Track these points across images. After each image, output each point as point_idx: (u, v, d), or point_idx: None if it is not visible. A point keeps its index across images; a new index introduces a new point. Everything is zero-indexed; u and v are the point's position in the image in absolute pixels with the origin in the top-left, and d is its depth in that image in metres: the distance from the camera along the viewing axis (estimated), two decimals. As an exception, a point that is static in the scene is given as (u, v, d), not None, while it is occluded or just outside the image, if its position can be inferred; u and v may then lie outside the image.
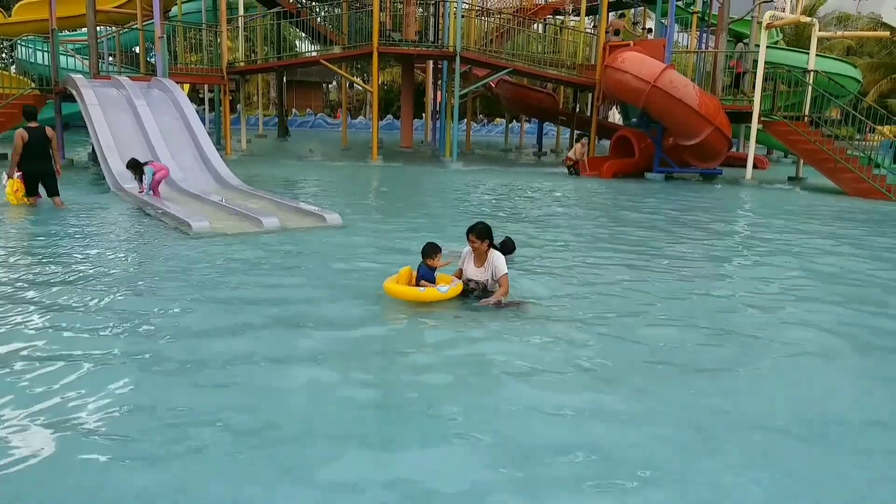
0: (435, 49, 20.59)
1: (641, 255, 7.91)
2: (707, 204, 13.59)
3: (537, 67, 21.00)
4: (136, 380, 3.95)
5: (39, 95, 16.94)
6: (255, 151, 22.43)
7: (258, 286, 6.01)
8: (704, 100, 17.04)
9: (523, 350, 4.64)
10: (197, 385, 3.94)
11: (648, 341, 4.91)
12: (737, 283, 6.84)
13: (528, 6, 26.32)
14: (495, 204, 12.34)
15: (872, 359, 4.85)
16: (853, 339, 5.16)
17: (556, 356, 4.55)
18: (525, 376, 4.20)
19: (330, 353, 4.49)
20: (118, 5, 24.20)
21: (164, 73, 16.74)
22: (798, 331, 5.29)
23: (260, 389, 3.86)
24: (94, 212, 10.02)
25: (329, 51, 21.37)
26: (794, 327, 5.38)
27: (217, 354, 4.38)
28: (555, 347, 4.72)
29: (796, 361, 4.66)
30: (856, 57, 38.20)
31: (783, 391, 4.13)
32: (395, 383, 4.03)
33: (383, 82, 46.35)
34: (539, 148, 28.33)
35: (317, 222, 9.31)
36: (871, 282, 7.12)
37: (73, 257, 6.95)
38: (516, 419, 3.57)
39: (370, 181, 15.99)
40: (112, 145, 12.79)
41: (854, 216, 12.34)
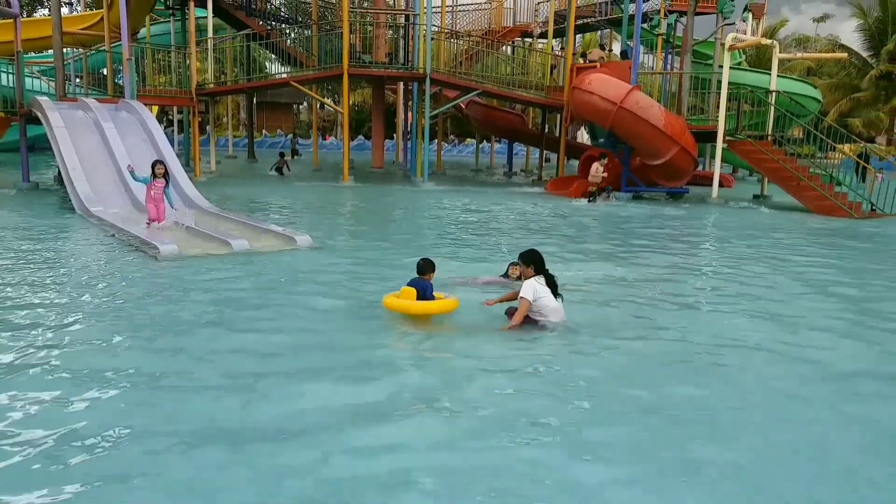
0: (405, 71, 20.71)
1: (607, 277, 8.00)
2: (675, 223, 13.79)
3: (506, 89, 21.24)
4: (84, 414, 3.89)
5: (4, 118, 16.69)
6: (224, 173, 22.31)
7: (225, 311, 5.95)
8: (670, 120, 17.35)
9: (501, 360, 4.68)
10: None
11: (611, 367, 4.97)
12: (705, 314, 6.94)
13: (497, 29, 26.64)
14: (467, 222, 12.40)
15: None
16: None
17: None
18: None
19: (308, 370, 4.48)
20: (85, 27, 24.00)
21: (133, 94, 16.61)
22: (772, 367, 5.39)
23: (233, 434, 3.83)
24: (59, 234, 9.87)
25: (299, 73, 21.39)
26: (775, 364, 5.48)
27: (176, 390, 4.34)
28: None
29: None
30: (816, 77, 39.25)
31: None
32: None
33: (354, 103, 46.46)
34: (509, 168, 28.57)
35: (287, 244, 9.28)
36: (845, 300, 7.29)
37: (35, 281, 6.83)
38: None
39: (341, 202, 15.97)
40: (78, 167, 12.63)
41: (819, 233, 12.62)
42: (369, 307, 6.13)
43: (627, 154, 18.44)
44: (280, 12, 26.26)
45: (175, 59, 20.62)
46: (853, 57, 38.93)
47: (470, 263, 8.40)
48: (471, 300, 6.22)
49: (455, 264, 8.29)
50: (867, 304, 7.07)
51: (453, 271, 7.65)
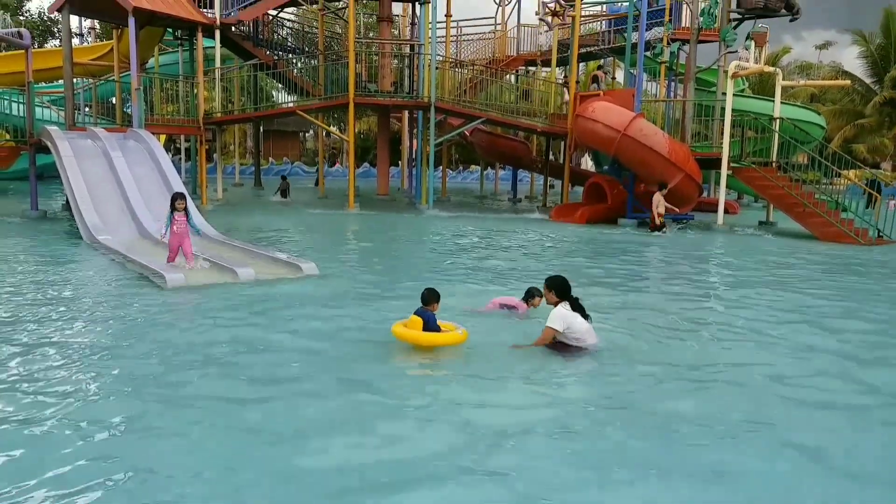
0: (410, 100, 20.92)
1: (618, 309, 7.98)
2: (680, 251, 13.78)
3: (510, 117, 21.39)
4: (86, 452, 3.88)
5: (14, 147, 16.87)
6: (231, 200, 22.43)
7: (229, 345, 5.91)
8: (674, 147, 17.42)
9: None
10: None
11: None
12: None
13: (501, 58, 26.89)
14: (472, 249, 12.42)
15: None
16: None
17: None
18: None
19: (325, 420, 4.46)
20: (95, 58, 24.36)
21: (140, 124, 16.80)
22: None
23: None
24: (65, 263, 9.93)
25: (306, 102, 21.61)
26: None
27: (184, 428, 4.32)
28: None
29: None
30: (819, 104, 39.44)
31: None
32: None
33: (360, 131, 46.82)
34: (514, 194, 28.65)
35: (293, 272, 9.30)
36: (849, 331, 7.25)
37: (38, 310, 6.85)
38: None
39: (347, 229, 16.03)
40: (86, 196, 12.73)
41: (825, 261, 12.59)
42: (376, 338, 6.09)
43: (632, 181, 18.49)
44: (287, 42, 26.57)
45: (183, 89, 20.87)
46: (856, 83, 39.10)
47: (475, 290, 8.39)
48: (484, 327, 6.21)
49: (461, 289, 8.30)
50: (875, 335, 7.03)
51: (457, 296, 7.64)
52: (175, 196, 9.66)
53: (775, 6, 18.90)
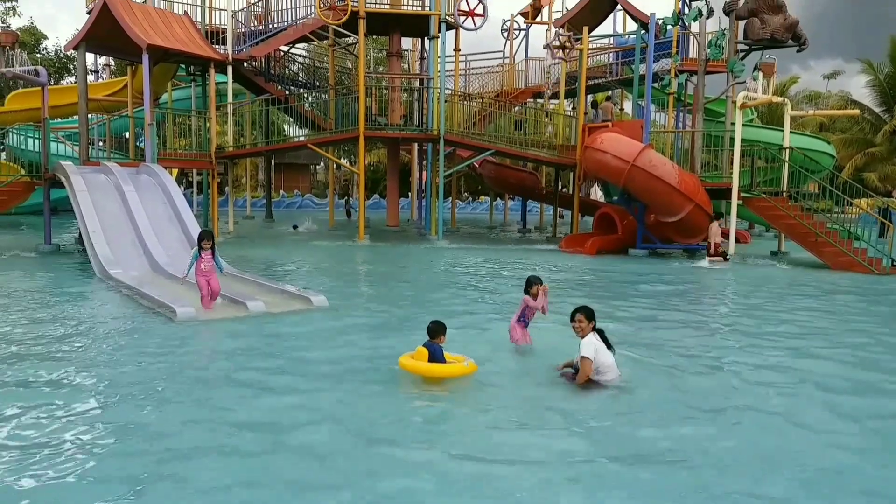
0: (419, 132, 21.10)
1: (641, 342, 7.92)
2: (693, 281, 13.71)
3: (519, 148, 21.51)
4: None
5: (29, 182, 17.09)
6: (242, 233, 22.57)
7: (238, 378, 5.88)
8: (684, 178, 17.43)
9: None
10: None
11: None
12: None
13: (510, 90, 27.12)
14: (482, 280, 12.39)
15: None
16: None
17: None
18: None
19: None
20: (110, 94, 24.75)
21: (153, 158, 17.00)
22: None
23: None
24: (77, 297, 9.98)
25: (317, 135, 21.83)
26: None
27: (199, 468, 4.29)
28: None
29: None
30: (829, 133, 39.46)
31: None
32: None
33: (370, 163, 47.16)
34: (523, 225, 28.68)
35: (303, 305, 9.30)
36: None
37: (49, 343, 6.87)
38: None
39: (357, 261, 16.06)
40: (99, 231, 12.84)
41: (840, 292, 12.47)
42: (384, 375, 6.03)
43: (642, 211, 18.47)
44: (298, 77, 26.95)
45: (195, 123, 21.15)
46: (865, 112, 39.13)
47: (487, 322, 8.36)
48: (494, 360, 6.17)
49: (470, 320, 8.26)
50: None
51: (466, 327, 7.61)
52: (202, 235, 9.28)
53: (782, 37, 18.96)
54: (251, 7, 23.48)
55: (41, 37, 41.30)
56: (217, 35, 21.94)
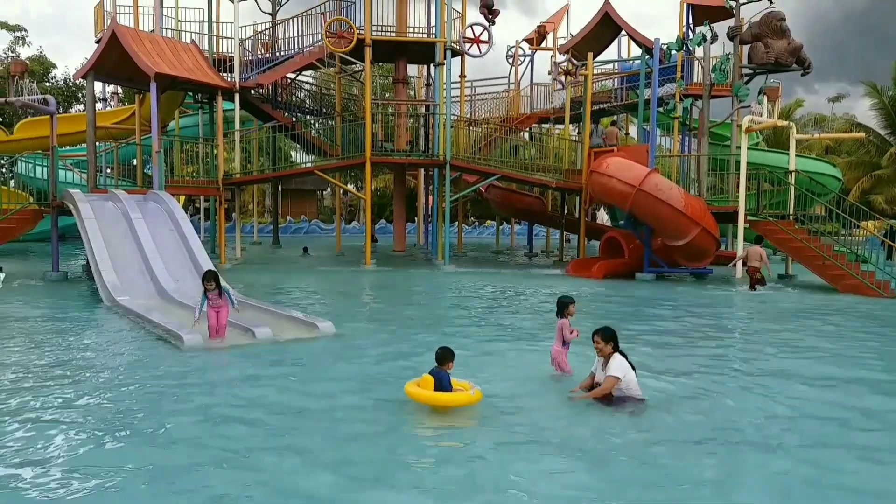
0: (426, 158, 21.19)
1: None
2: (703, 305, 13.63)
3: (525, 173, 21.56)
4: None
5: (37, 210, 17.19)
6: (249, 259, 22.59)
7: (245, 407, 5.83)
8: (690, 201, 17.41)
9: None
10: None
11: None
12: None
13: (515, 116, 27.27)
14: (490, 305, 12.33)
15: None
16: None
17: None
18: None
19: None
20: (117, 121, 24.98)
21: (161, 185, 17.08)
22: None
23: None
24: (84, 324, 9.98)
25: (323, 161, 21.95)
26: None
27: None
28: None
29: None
30: (834, 156, 39.49)
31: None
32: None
33: (376, 188, 47.35)
34: (530, 249, 28.65)
35: (310, 331, 9.28)
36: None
37: (54, 371, 6.85)
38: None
39: (363, 286, 16.04)
40: (106, 258, 12.86)
41: (851, 316, 12.38)
42: (392, 400, 5.99)
43: (648, 235, 18.45)
44: (305, 104, 27.17)
45: (203, 150, 21.30)
46: (871, 135, 39.17)
47: (495, 348, 8.30)
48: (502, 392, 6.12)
49: (478, 346, 8.21)
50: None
51: (473, 353, 7.56)
52: (205, 276, 8.86)
53: (786, 61, 19.07)
54: (258, 35, 23.76)
55: (50, 66, 41.82)
56: (224, 63, 22.17)
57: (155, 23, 21.63)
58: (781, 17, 18.86)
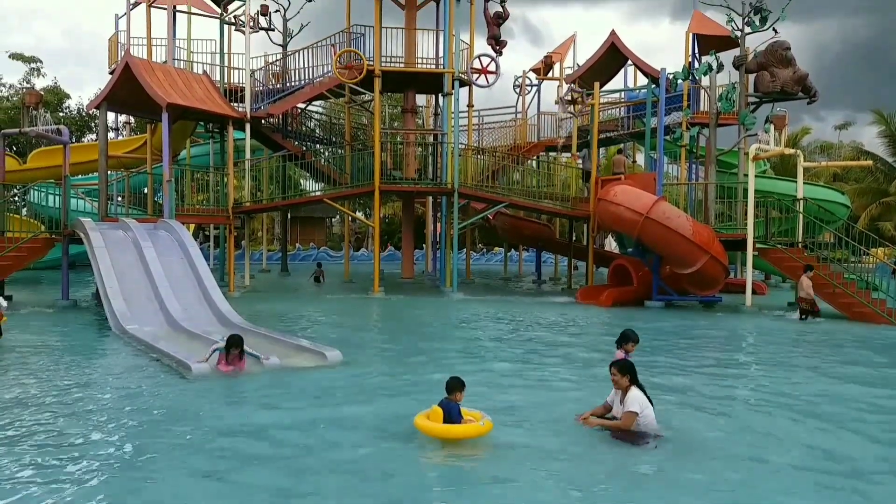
0: (434, 186, 21.31)
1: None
2: (713, 333, 13.56)
3: (532, 200, 21.64)
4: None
5: (48, 238, 17.34)
6: (258, 287, 22.66)
7: (250, 439, 5.80)
8: (698, 229, 17.41)
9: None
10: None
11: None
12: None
13: (522, 144, 27.44)
14: (499, 334, 12.30)
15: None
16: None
17: None
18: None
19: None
20: (129, 150, 25.23)
21: (171, 214, 17.22)
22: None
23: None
24: (92, 352, 10.03)
25: (333, 190, 22.11)
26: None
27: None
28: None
29: None
30: (842, 183, 39.40)
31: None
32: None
33: (385, 215, 47.51)
34: (538, 276, 28.62)
35: (318, 360, 9.27)
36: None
37: (61, 400, 6.86)
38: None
39: (371, 314, 16.04)
40: (115, 286, 12.94)
41: (865, 345, 12.29)
42: (401, 431, 5.96)
43: (657, 263, 18.43)
44: (314, 133, 27.43)
45: (213, 179, 21.49)
46: (878, 162, 39.13)
47: (503, 377, 8.27)
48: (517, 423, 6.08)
49: (487, 376, 8.18)
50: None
51: (483, 383, 7.52)
52: (230, 342, 8.47)
53: (792, 90, 19.15)
54: (269, 66, 24.09)
55: (64, 96, 42.37)
56: (236, 93, 22.46)
57: (167, 54, 21.99)
58: (786, 46, 18.99)
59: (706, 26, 25.17)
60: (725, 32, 20.83)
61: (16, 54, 42.01)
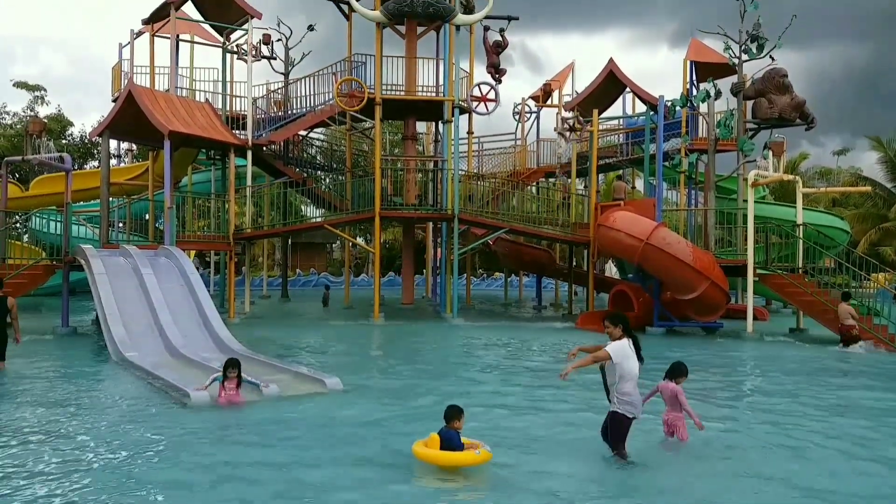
0: (434, 212, 21.37)
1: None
2: (718, 361, 13.51)
3: (532, 226, 21.69)
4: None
5: (49, 265, 17.36)
6: (258, 313, 22.62)
7: (250, 467, 5.79)
8: (698, 255, 17.42)
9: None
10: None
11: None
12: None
13: (522, 170, 27.57)
14: (501, 361, 12.25)
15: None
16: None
17: None
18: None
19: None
20: (131, 177, 25.38)
21: (172, 241, 17.26)
22: None
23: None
24: (91, 380, 9.99)
25: (334, 216, 22.18)
26: None
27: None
28: None
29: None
30: (842, 208, 39.50)
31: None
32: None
33: (385, 240, 47.56)
34: (539, 302, 28.57)
35: (317, 387, 9.25)
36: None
37: (60, 427, 6.83)
38: None
39: (371, 342, 16.00)
40: (115, 313, 12.93)
41: (864, 372, 12.24)
42: (401, 460, 5.93)
43: (657, 289, 18.40)
44: (315, 160, 27.58)
45: (214, 205, 21.56)
46: (877, 188, 39.24)
47: (503, 405, 8.23)
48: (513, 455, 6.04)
49: (486, 403, 8.14)
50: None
51: (483, 411, 7.49)
52: (227, 364, 8.56)
53: (790, 116, 19.29)
54: (271, 94, 24.30)
55: (68, 124, 42.66)
56: (238, 120, 22.63)
57: (170, 82, 22.18)
58: (784, 73, 19.15)
59: (704, 54, 25.39)
60: (723, 60, 21.01)
61: (20, 83, 42.41)
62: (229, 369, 8.39)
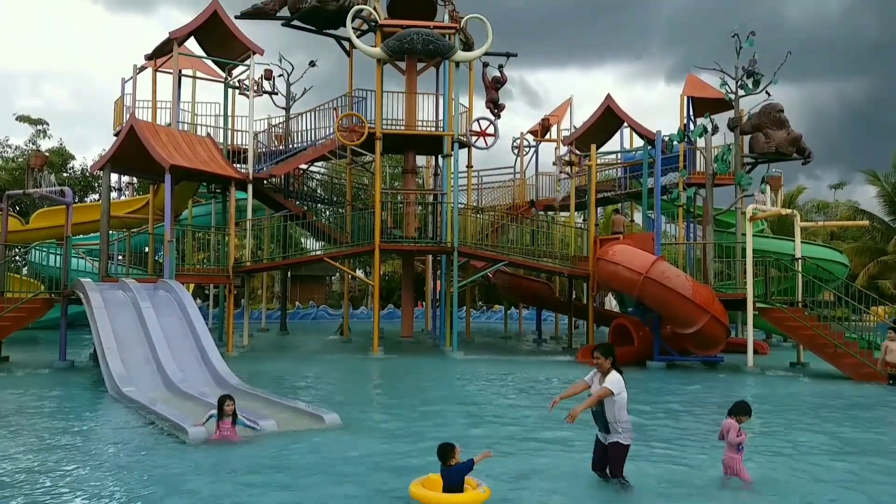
0: (434, 245, 21.43)
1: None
2: (716, 395, 13.44)
3: (532, 259, 21.73)
4: None
5: (48, 298, 17.34)
6: (256, 347, 22.52)
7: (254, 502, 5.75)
8: (698, 289, 17.42)
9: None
10: None
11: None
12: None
13: (521, 203, 27.71)
14: (502, 396, 12.17)
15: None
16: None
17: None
18: None
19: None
20: (131, 211, 25.48)
21: (171, 275, 17.26)
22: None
23: None
24: (88, 415, 9.92)
25: (333, 249, 22.22)
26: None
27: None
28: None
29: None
30: (840, 241, 39.62)
31: None
32: None
33: (384, 273, 47.55)
34: (539, 335, 28.47)
35: (315, 423, 9.18)
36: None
37: (54, 465, 6.76)
38: None
39: (371, 375, 15.91)
40: (114, 348, 12.87)
41: (864, 406, 12.17)
42: (398, 500, 5.87)
43: (657, 322, 18.36)
44: (316, 193, 27.71)
45: (214, 238, 21.61)
46: (875, 221, 39.40)
47: (504, 441, 8.16)
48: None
49: (490, 441, 8.06)
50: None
51: (487, 448, 7.42)
52: (222, 400, 8.41)
53: (787, 151, 19.47)
54: (272, 128, 24.51)
55: (69, 157, 42.94)
56: (239, 154, 22.80)
57: (172, 117, 22.39)
58: (780, 108, 19.38)
59: (700, 89, 25.70)
60: (719, 95, 21.24)
61: (22, 116, 42.82)
62: (226, 403, 8.30)
